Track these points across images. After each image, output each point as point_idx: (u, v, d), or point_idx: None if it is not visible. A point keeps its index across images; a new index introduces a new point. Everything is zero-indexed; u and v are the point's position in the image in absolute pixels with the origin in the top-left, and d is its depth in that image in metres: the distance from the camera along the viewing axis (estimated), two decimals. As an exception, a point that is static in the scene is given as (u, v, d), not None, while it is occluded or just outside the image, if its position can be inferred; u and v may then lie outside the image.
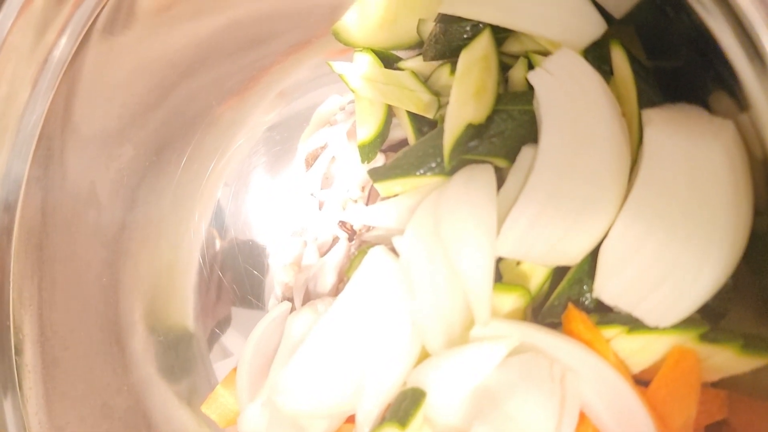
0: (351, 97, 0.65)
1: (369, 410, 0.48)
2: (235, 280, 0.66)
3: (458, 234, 0.46)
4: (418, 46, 0.59)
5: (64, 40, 0.48)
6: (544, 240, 0.43)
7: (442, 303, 0.47)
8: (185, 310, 0.64)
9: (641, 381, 0.43)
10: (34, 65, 0.48)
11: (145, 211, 0.60)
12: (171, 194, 0.63)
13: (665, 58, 0.47)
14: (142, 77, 0.56)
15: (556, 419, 0.42)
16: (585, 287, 0.45)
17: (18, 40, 0.46)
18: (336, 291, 0.61)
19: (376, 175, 0.52)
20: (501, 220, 0.45)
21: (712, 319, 0.42)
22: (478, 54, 0.49)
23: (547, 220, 0.43)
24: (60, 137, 0.51)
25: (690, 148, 0.40)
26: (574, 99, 0.44)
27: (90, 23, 0.49)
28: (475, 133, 0.48)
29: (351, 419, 0.51)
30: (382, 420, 0.46)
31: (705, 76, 0.42)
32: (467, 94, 0.48)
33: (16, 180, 0.48)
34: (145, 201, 0.60)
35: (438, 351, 0.47)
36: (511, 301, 0.46)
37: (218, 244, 0.66)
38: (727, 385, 0.43)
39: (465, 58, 0.49)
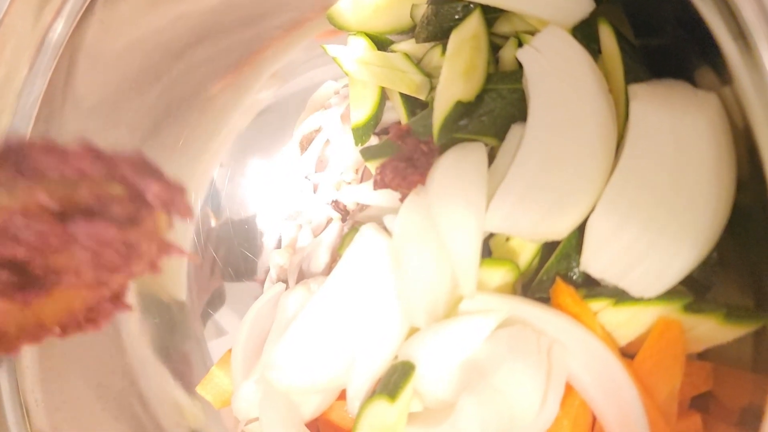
0: (345, 81, 0.65)
1: (360, 385, 0.49)
2: (229, 261, 0.67)
3: (447, 209, 0.46)
4: (411, 31, 0.60)
5: (60, 22, 0.49)
6: (532, 215, 0.44)
7: (432, 279, 0.47)
8: (179, 290, 0.65)
9: (627, 354, 0.43)
10: (32, 46, 0.48)
11: (141, 192, 0.60)
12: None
13: (652, 35, 0.47)
14: (137, 58, 0.56)
15: (543, 391, 0.42)
16: (573, 262, 0.46)
17: (16, 22, 0.46)
18: (329, 270, 0.61)
19: (368, 154, 0.52)
20: (491, 197, 0.45)
21: (698, 291, 0.42)
22: (468, 34, 0.50)
23: (534, 196, 0.43)
24: (57, 118, 0.52)
25: (675, 121, 0.40)
26: (561, 75, 0.44)
27: (86, 5, 0.50)
28: (464, 111, 0.48)
29: (343, 395, 0.52)
30: (373, 394, 0.47)
31: (690, 53, 0.43)
32: (457, 72, 0.48)
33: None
34: (142, 182, 0.60)
35: (426, 327, 0.47)
36: (500, 275, 0.46)
37: (213, 223, 0.67)
38: (712, 357, 0.43)
39: (455, 37, 0.50)
